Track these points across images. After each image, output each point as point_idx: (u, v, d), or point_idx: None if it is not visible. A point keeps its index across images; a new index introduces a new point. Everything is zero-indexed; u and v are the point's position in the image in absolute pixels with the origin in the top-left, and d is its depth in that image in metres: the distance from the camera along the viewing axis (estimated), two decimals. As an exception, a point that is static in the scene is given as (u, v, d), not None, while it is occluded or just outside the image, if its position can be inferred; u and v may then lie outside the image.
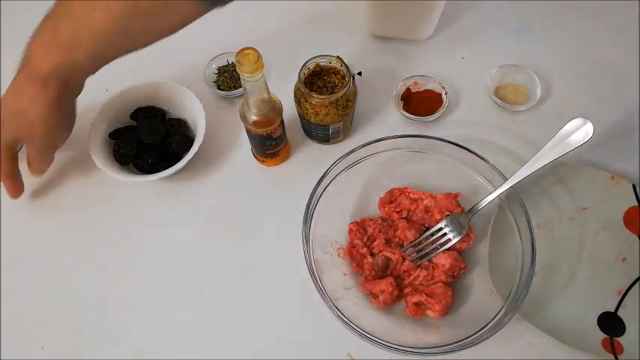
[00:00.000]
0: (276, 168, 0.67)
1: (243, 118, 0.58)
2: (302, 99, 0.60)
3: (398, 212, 0.60)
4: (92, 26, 0.50)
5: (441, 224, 0.58)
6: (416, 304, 0.54)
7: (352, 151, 0.58)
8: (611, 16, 0.76)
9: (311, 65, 0.60)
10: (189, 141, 0.64)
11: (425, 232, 0.59)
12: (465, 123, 0.69)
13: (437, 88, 0.69)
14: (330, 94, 0.59)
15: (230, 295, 0.59)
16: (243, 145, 0.68)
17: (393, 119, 0.70)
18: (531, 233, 0.53)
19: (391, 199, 0.61)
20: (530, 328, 0.53)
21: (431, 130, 0.68)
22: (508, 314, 0.50)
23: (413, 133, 0.60)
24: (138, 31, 0.52)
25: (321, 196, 0.58)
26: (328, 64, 0.61)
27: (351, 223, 0.60)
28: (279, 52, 0.72)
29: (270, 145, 0.61)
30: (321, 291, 0.52)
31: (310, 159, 0.68)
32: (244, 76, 0.49)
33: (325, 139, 0.66)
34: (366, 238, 0.58)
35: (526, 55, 0.73)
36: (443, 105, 0.67)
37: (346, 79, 0.60)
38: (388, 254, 0.57)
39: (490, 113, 0.69)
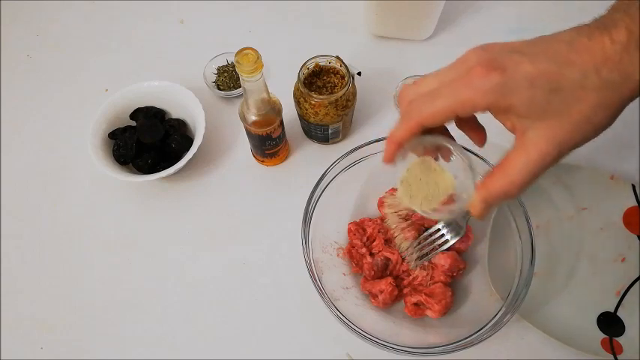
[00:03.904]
0: (276, 168, 0.67)
1: (243, 118, 0.57)
2: (301, 99, 0.60)
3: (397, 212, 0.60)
4: None
5: (439, 225, 0.58)
6: (415, 304, 0.54)
7: (352, 151, 0.58)
8: (611, 16, 0.76)
9: (310, 65, 0.60)
10: (189, 141, 0.65)
11: (424, 232, 0.59)
12: (465, 123, 0.69)
13: (436, 88, 0.69)
14: (330, 94, 0.59)
15: (230, 295, 0.59)
16: (243, 145, 0.68)
17: (393, 119, 0.69)
18: (531, 233, 0.53)
19: (391, 199, 0.61)
20: (530, 328, 0.53)
21: (430, 130, 0.68)
22: (507, 314, 0.50)
23: (412, 133, 0.60)
24: None
25: (320, 196, 0.57)
26: (328, 64, 0.61)
27: (351, 223, 0.60)
28: (279, 52, 0.72)
29: (269, 145, 0.61)
30: (321, 291, 0.52)
31: (310, 159, 0.68)
32: (244, 77, 0.49)
33: (325, 139, 0.66)
34: (365, 238, 0.58)
35: (526, 55, 0.73)
36: (442, 105, 0.67)
37: (345, 79, 0.60)
38: (387, 254, 0.57)
39: (489, 113, 0.69)
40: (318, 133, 0.65)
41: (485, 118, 0.38)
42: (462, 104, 0.33)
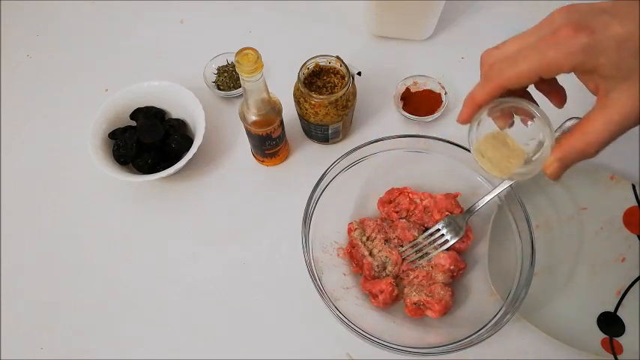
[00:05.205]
0: (276, 168, 0.67)
1: (243, 118, 0.58)
2: (301, 99, 0.60)
3: (397, 212, 0.60)
4: None
5: (439, 225, 0.58)
6: (415, 304, 0.54)
7: (352, 151, 0.58)
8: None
9: (310, 65, 0.60)
10: (189, 141, 0.65)
11: (424, 232, 0.59)
12: (465, 123, 0.69)
13: (436, 88, 0.69)
14: (330, 94, 0.59)
15: (230, 295, 0.59)
16: (243, 145, 0.68)
17: (393, 119, 0.70)
18: (531, 233, 0.53)
19: (390, 199, 0.61)
20: (530, 328, 0.53)
21: (430, 130, 0.68)
22: (507, 314, 0.50)
23: (412, 133, 0.60)
24: None
25: (320, 196, 0.57)
26: (328, 63, 0.61)
27: (351, 223, 0.60)
28: (279, 52, 0.72)
29: (269, 145, 0.61)
30: (321, 291, 0.52)
31: (310, 159, 0.68)
32: (244, 77, 0.49)
33: (325, 139, 0.66)
34: (365, 238, 0.58)
35: (526, 55, 0.73)
36: (442, 105, 0.67)
37: (346, 79, 0.60)
38: (387, 254, 0.57)
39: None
40: (318, 133, 0.65)
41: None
42: (547, 65, 0.32)
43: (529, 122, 0.38)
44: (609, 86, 0.32)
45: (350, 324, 0.50)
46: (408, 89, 0.70)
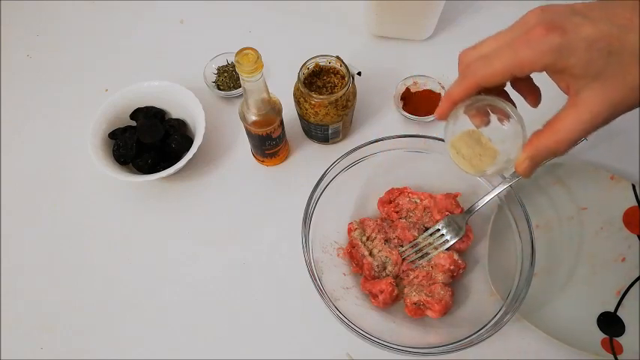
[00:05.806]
0: (276, 168, 0.67)
1: (243, 118, 0.58)
2: (301, 99, 0.60)
3: (397, 212, 0.60)
4: None
5: (439, 225, 0.58)
6: (415, 304, 0.54)
7: (352, 151, 0.58)
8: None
9: (310, 65, 0.60)
10: (189, 141, 0.65)
11: (424, 232, 0.59)
12: (465, 123, 0.69)
13: (436, 88, 0.69)
14: (330, 94, 0.59)
15: (230, 295, 0.59)
16: (243, 145, 0.68)
17: (393, 119, 0.70)
18: (531, 233, 0.53)
19: (390, 199, 0.61)
20: (530, 328, 0.53)
21: (430, 130, 0.68)
22: (507, 314, 0.49)
23: (412, 133, 0.60)
24: None
25: (320, 196, 0.57)
26: (328, 63, 0.61)
27: (351, 223, 0.60)
28: (279, 52, 0.72)
29: (269, 145, 0.61)
30: (321, 291, 0.52)
31: (310, 159, 0.68)
32: (244, 77, 0.49)
33: (325, 139, 0.66)
34: (365, 238, 0.58)
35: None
36: (442, 105, 0.67)
37: (346, 79, 0.60)
38: (387, 254, 0.57)
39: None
40: (318, 133, 0.65)
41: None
42: (520, 64, 0.33)
43: (505, 121, 0.39)
44: (580, 86, 0.33)
45: (350, 324, 0.50)
46: (408, 89, 0.70)
